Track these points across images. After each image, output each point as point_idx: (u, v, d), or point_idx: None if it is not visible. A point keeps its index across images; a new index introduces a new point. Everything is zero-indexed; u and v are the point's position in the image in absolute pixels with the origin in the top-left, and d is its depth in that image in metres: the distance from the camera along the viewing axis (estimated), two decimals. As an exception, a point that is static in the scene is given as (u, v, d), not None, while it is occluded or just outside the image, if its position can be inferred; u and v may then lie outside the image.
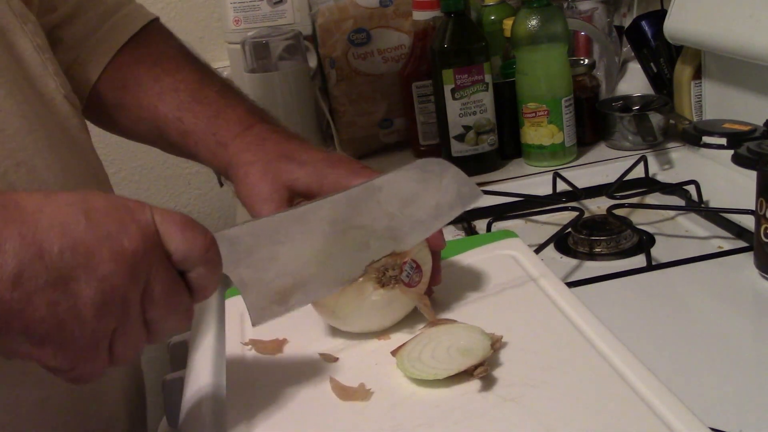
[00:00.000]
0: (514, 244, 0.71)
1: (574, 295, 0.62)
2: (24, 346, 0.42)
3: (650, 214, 0.89)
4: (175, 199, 1.60)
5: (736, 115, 0.90)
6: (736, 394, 0.56)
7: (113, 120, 0.77)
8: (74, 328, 0.42)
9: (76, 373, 0.45)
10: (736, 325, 0.67)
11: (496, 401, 0.50)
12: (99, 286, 0.43)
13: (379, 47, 1.19)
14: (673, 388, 0.50)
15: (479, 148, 1.05)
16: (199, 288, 0.48)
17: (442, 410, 0.51)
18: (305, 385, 0.56)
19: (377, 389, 0.54)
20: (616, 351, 0.54)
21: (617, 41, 1.21)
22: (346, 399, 0.53)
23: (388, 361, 0.57)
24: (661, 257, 0.78)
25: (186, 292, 0.47)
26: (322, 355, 0.59)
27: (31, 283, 0.41)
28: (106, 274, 0.43)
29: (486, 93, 1.04)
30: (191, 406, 0.64)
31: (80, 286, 0.42)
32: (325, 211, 0.56)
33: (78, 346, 0.43)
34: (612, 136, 1.07)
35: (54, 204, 0.43)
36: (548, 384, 0.51)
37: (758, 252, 0.70)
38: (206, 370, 0.65)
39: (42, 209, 0.43)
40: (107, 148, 1.52)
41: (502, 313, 0.61)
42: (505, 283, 0.65)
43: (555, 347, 0.55)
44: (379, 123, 1.21)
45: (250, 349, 0.61)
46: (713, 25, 0.89)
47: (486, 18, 1.16)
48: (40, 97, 0.62)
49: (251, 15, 1.24)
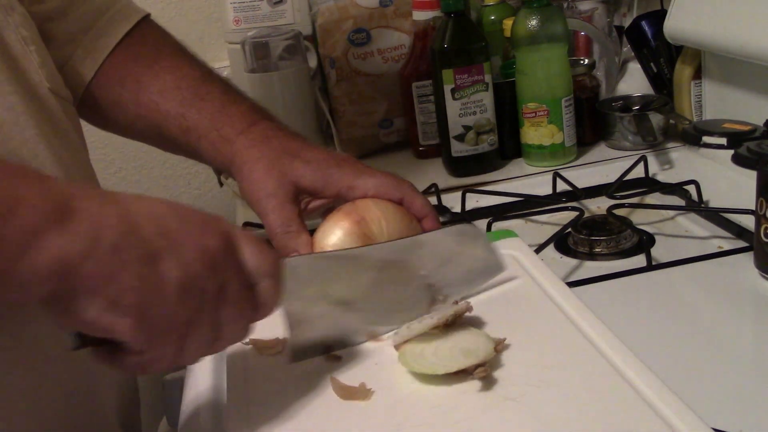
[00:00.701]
0: (514, 244, 0.71)
1: (574, 295, 0.62)
2: (107, 316, 0.44)
3: (650, 214, 0.89)
4: (174, 199, 1.58)
5: (736, 115, 0.90)
6: (736, 394, 0.56)
7: (109, 118, 0.77)
8: (157, 304, 0.45)
9: (144, 358, 0.47)
10: (736, 325, 0.67)
11: (496, 400, 0.50)
12: (183, 271, 0.46)
13: (379, 47, 1.19)
14: (673, 387, 0.50)
15: (479, 148, 1.05)
16: (263, 301, 0.51)
17: (442, 410, 0.51)
18: (306, 384, 0.56)
19: (378, 389, 0.54)
20: (617, 350, 0.54)
21: (617, 41, 1.21)
22: (347, 398, 0.54)
23: (388, 361, 0.57)
24: (661, 257, 0.78)
25: (254, 301, 0.51)
26: (325, 355, 0.59)
27: (126, 254, 0.44)
28: (190, 261, 0.47)
29: (486, 93, 1.04)
30: (191, 406, 0.64)
31: (168, 266, 0.46)
32: (375, 256, 0.60)
33: (156, 325, 0.46)
34: (612, 136, 1.07)
35: (146, 199, 0.48)
36: (549, 383, 0.51)
37: (758, 252, 0.70)
38: (206, 370, 0.65)
39: (136, 201, 0.47)
40: (107, 148, 1.52)
41: (502, 312, 0.61)
42: (505, 282, 0.65)
43: (555, 347, 0.55)
44: (379, 123, 1.21)
45: (250, 348, 0.61)
46: (713, 25, 0.89)
47: (486, 18, 1.16)
48: (28, 89, 0.61)
49: (251, 15, 1.24)
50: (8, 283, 0.42)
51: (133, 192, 0.50)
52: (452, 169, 1.07)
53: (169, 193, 1.59)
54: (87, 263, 0.43)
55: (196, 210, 0.50)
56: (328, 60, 1.19)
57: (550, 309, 0.61)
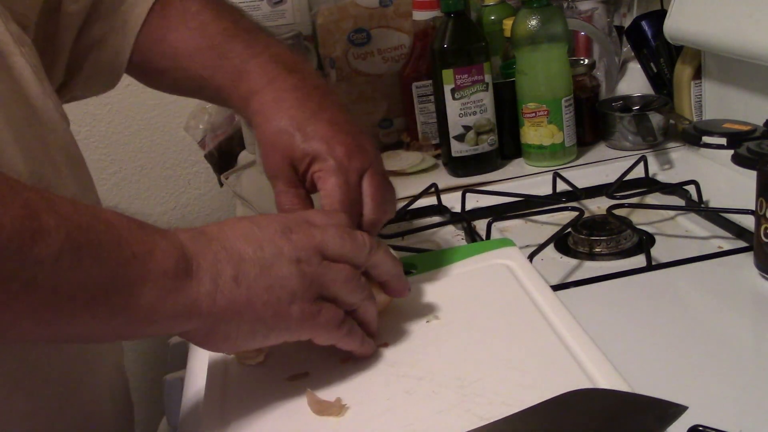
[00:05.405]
0: (509, 253, 0.72)
1: (564, 307, 0.62)
2: (257, 337, 0.53)
3: (650, 214, 0.89)
4: (175, 199, 1.60)
5: (736, 115, 0.90)
6: (736, 394, 0.56)
7: (159, 82, 0.79)
8: (289, 302, 0.52)
9: (336, 338, 0.56)
10: (736, 325, 0.67)
11: (474, 421, 0.50)
12: (291, 264, 0.53)
13: (379, 47, 1.19)
14: (673, 387, 0.50)
15: (479, 148, 1.05)
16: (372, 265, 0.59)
17: (414, 428, 0.50)
18: (282, 397, 0.56)
19: (353, 404, 0.54)
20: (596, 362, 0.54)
21: (617, 41, 1.21)
22: (321, 413, 0.54)
23: (366, 377, 0.57)
24: (661, 257, 0.78)
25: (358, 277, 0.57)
26: (291, 378, 0.59)
27: (247, 279, 0.51)
28: (292, 255, 0.53)
29: (486, 93, 1.04)
30: (191, 406, 0.64)
31: (279, 268, 0.52)
32: None
33: (297, 321, 0.53)
34: (612, 136, 1.07)
35: (226, 224, 0.54)
36: (523, 402, 0.50)
37: (758, 252, 0.70)
38: (206, 371, 0.65)
39: (221, 230, 0.53)
40: (107, 149, 1.52)
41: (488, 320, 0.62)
42: (495, 292, 0.66)
43: (538, 361, 0.55)
44: (379, 123, 1.21)
45: (232, 357, 0.61)
46: (713, 25, 0.89)
47: (486, 18, 1.16)
48: (35, 116, 0.61)
49: (251, 15, 1.24)
50: (155, 319, 0.48)
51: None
52: (452, 169, 1.07)
53: (169, 193, 1.59)
54: (218, 299, 0.50)
55: (263, 215, 0.57)
56: (328, 60, 1.19)
57: (532, 315, 0.61)
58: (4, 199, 0.43)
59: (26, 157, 0.56)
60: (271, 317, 0.52)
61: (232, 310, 0.51)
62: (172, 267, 0.48)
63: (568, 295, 0.72)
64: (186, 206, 1.61)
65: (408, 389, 0.54)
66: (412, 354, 0.59)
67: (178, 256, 0.49)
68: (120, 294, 0.46)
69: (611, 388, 0.51)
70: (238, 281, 0.51)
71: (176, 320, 0.49)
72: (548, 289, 0.66)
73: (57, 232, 0.44)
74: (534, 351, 0.57)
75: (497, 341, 0.59)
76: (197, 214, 1.63)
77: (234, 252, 0.52)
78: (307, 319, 0.54)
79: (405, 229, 0.93)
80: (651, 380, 0.54)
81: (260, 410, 0.55)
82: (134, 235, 0.48)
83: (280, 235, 0.54)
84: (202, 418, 0.56)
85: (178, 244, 0.50)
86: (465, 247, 0.78)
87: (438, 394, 0.53)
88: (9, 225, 0.42)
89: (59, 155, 0.62)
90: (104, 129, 1.53)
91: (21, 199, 0.44)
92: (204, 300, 0.50)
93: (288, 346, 0.56)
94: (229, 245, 0.52)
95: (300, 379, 0.58)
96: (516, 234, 0.89)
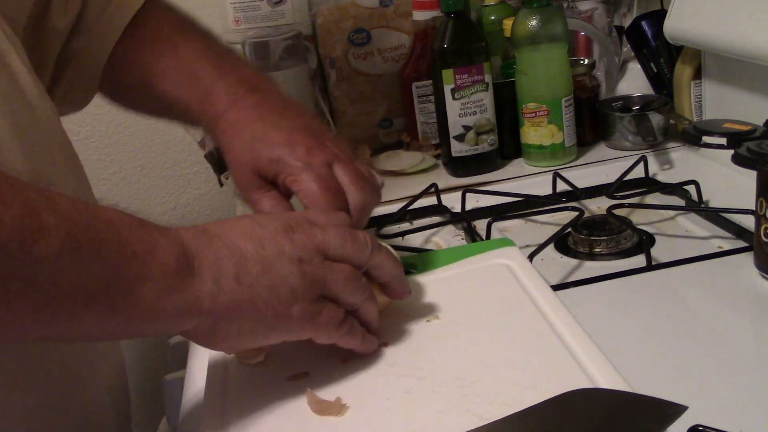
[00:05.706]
0: (509, 253, 0.72)
1: (564, 307, 0.62)
2: (258, 336, 0.53)
3: (650, 214, 0.89)
4: (175, 199, 1.60)
5: (736, 115, 0.90)
6: (736, 394, 0.56)
7: (129, 101, 0.79)
8: (290, 301, 0.53)
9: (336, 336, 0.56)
10: (736, 325, 0.67)
11: (474, 421, 0.50)
12: (293, 263, 0.53)
13: (379, 47, 1.19)
14: (673, 388, 0.50)
15: (479, 148, 1.05)
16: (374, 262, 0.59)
17: (414, 428, 0.50)
18: (282, 396, 0.56)
19: (353, 404, 0.54)
20: (596, 362, 0.54)
21: (617, 41, 1.21)
22: (321, 413, 0.54)
23: (366, 376, 0.57)
24: (661, 257, 0.78)
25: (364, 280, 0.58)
26: (291, 377, 0.59)
27: (248, 277, 0.51)
28: (293, 254, 0.53)
29: (486, 93, 1.04)
30: (191, 406, 0.64)
31: (281, 267, 0.53)
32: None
33: (298, 321, 0.53)
34: (612, 136, 1.07)
35: (228, 223, 0.55)
36: (523, 402, 0.50)
37: (758, 252, 0.70)
38: (206, 371, 0.65)
39: (223, 228, 0.53)
40: (107, 149, 1.52)
41: (488, 320, 0.62)
42: (495, 292, 0.66)
43: (538, 361, 0.55)
44: (379, 123, 1.21)
45: (231, 357, 0.62)
46: (713, 25, 0.89)
47: (486, 18, 1.16)
48: (34, 114, 0.61)
49: (251, 15, 1.24)
50: (156, 318, 0.48)
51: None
52: (452, 169, 1.07)
53: (169, 193, 1.59)
54: (219, 298, 0.50)
55: (264, 214, 0.58)
56: (328, 60, 1.19)
57: (532, 315, 0.61)
58: (4, 198, 0.43)
59: (26, 155, 0.56)
60: (272, 316, 0.52)
61: (234, 309, 0.51)
62: (173, 265, 0.48)
63: (568, 295, 0.72)
64: (186, 206, 1.61)
65: (408, 389, 0.54)
66: (412, 354, 0.59)
67: (179, 255, 0.49)
68: (121, 293, 0.46)
69: (611, 388, 0.51)
70: (240, 280, 0.51)
71: (177, 319, 0.49)
72: (548, 289, 0.66)
73: (57, 231, 0.44)
74: (534, 351, 0.57)
75: (497, 341, 0.59)
76: (197, 214, 1.63)
77: (236, 250, 0.52)
78: (307, 318, 0.54)
79: (405, 229, 0.93)
80: (651, 380, 0.54)
81: (260, 410, 0.55)
82: (135, 233, 0.48)
83: (281, 234, 0.54)
84: (202, 418, 0.56)
85: (179, 242, 0.50)
86: (465, 247, 0.78)
87: (438, 394, 0.53)
88: (9, 224, 0.42)
89: (58, 153, 0.62)
90: (104, 129, 1.53)
91: (21, 198, 0.44)
92: (205, 298, 0.50)
93: (288, 346, 0.56)
94: (231, 243, 0.52)
95: (300, 378, 0.58)
96: (516, 234, 0.89)
